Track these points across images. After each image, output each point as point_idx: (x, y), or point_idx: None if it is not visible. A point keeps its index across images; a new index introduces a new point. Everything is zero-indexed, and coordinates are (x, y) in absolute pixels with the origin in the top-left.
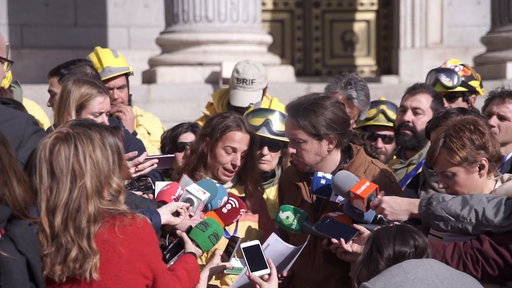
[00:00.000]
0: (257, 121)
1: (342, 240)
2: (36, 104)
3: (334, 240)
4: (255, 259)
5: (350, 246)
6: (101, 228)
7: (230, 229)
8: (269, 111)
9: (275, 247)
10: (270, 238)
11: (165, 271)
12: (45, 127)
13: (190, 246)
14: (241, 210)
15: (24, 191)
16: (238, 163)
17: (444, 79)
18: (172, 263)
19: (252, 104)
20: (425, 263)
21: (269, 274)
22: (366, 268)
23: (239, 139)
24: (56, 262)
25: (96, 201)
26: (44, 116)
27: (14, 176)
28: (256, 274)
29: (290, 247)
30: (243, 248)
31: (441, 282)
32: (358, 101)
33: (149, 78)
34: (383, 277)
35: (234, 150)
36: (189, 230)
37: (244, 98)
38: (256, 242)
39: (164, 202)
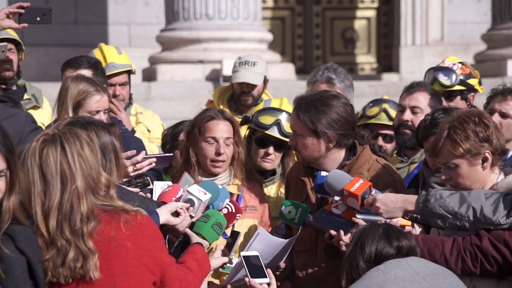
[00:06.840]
0: (268, 119)
1: (341, 232)
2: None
3: (333, 232)
4: (254, 268)
5: (349, 239)
6: (102, 225)
7: (227, 230)
8: (281, 111)
9: (261, 239)
10: (256, 232)
11: (173, 265)
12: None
13: (195, 239)
14: (237, 215)
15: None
16: (222, 150)
17: (442, 78)
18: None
19: (261, 100)
20: (403, 263)
21: (269, 284)
22: (348, 263)
23: (218, 128)
24: (58, 265)
25: (91, 199)
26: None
27: None
28: (256, 281)
29: (277, 239)
30: (243, 256)
31: (422, 278)
32: (338, 81)
33: (149, 75)
34: (363, 280)
35: (215, 139)
36: (191, 226)
37: (246, 75)
38: (256, 253)
39: (164, 204)
